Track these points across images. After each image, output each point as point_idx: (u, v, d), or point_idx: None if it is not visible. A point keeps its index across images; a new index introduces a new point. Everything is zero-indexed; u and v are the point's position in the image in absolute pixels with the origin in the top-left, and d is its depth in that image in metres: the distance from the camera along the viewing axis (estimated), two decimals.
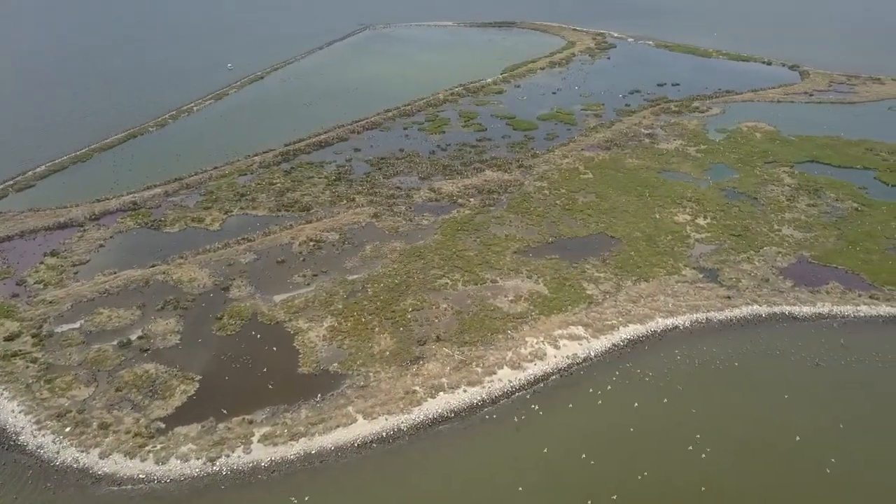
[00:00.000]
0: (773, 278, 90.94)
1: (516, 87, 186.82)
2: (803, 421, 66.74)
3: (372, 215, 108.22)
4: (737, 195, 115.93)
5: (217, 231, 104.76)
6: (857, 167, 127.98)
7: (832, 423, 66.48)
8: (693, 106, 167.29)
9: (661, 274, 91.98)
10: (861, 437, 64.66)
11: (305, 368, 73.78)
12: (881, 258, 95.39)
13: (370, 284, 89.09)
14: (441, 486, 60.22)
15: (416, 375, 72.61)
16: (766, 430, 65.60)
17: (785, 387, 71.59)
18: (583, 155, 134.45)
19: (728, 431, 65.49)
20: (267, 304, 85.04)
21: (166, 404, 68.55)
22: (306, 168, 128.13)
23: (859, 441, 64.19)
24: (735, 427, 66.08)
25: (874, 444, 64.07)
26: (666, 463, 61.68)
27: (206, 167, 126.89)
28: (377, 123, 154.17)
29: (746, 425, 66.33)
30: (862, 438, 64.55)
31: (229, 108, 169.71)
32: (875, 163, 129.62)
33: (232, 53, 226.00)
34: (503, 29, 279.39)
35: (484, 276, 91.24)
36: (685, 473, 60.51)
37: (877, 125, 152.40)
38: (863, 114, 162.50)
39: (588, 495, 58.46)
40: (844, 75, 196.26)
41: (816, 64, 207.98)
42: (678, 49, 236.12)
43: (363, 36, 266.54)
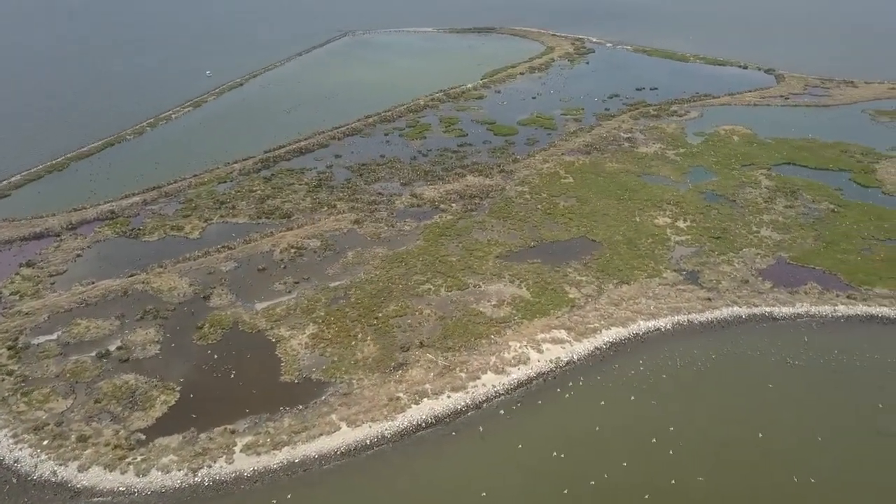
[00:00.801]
0: (753, 279, 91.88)
1: (496, 93, 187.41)
2: (783, 421, 67.42)
3: (353, 221, 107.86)
4: (716, 198, 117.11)
5: (197, 239, 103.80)
6: (832, 169, 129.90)
7: (809, 424, 67.23)
8: (671, 110, 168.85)
9: (643, 277, 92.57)
10: (839, 437, 65.51)
11: (288, 377, 73.24)
12: (857, 258, 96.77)
13: (352, 291, 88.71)
14: (427, 492, 60.00)
15: (400, 382, 72.34)
16: (746, 430, 66.16)
17: (764, 387, 72.32)
18: (563, 159, 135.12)
19: (709, 432, 65.98)
20: (248, 313, 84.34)
21: (146, 415, 67.69)
22: (287, 175, 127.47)
23: (836, 442, 64.97)
24: (716, 428, 66.59)
25: (849, 443, 64.90)
26: (648, 464, 61.95)
27: (185, 175, 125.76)
28: (358, 129, 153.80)
29: (727, 426, 66.86)
30: (840, 438, 65.40)
31: (208, 115, 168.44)
32: (850, 164, 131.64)
33: (211, 60, 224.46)
34: (482, 35, 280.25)
35: (467, 281, 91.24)
36: (668, 475, 60.79)
37: (851, 128, 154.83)
38: (837, 116, 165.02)
39: (572, 498, 58.55)
40: (819, 79, 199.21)
41: (791, 67, 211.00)
42: (656, 54, 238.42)
43: (343, 42, 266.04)
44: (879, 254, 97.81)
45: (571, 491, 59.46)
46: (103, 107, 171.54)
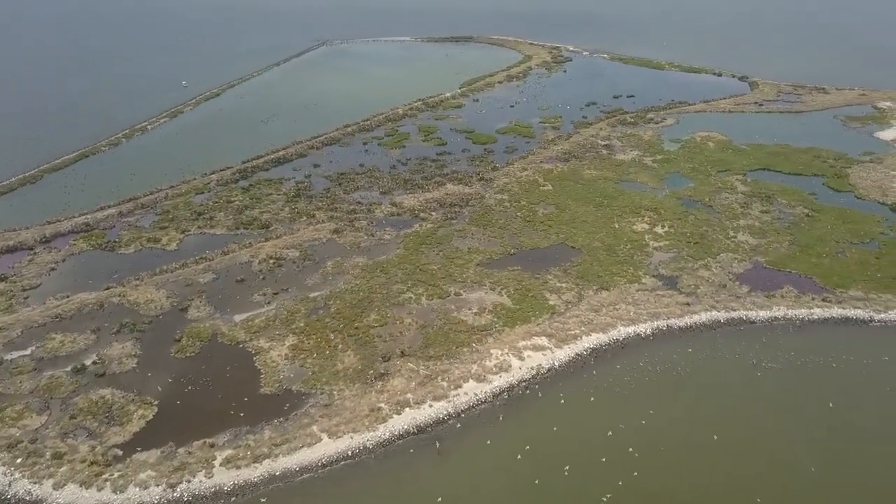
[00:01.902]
0: (730, 284, 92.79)
1: (475, 101, 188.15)
2: (762, 423, 68.04)
3: (333, 231, 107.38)
4: (693, 203, 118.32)
5: (174, 251, 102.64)
6: (806, 174, 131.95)
7: (787, 426, 67.91)
8: (648, 117, 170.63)
9: (622, 283, 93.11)
10: (816, 438, 66.29)
11: (268, 388, 72.50)
12: (832, 261, 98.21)
13: (332, 301, 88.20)
14: (411, 502, 59.61)
15: (381, 392, 71.93)
16: (725, 434, 66.64)
17: (743, 391, 73.01)
18: (542, 167, 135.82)
19: (689, 437, 66.35)
20: (227, 324, 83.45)
21: (123, 430, 66.56)
22: (265, 185, 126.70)
23: (815, 443, 65.71)
24: (696, 432, 66.96)
25: (827, 443, 65.66)
26: (629, 469, 62.08)
27: (162, 186, 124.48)
28: (336, 139, 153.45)
29: (707, 430, 67.24)
30: (817, 439, 66.18)
31: (184, 125, 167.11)
32: (823, 169, 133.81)
33: (186, 70, 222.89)
34: (460, 43, 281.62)
35: (447, 289, 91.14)
36: (650, 479, 60.95)
37: (823, 133, 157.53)
38: (810, 122, 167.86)
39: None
40: (791, 85, 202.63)
41: (765, 74, 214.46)
42: (632, 62, 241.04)
43: (320, 52, 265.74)
44: (853, 257, 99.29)
45: (557, 499, 59.35)
46: (77, 118, 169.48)
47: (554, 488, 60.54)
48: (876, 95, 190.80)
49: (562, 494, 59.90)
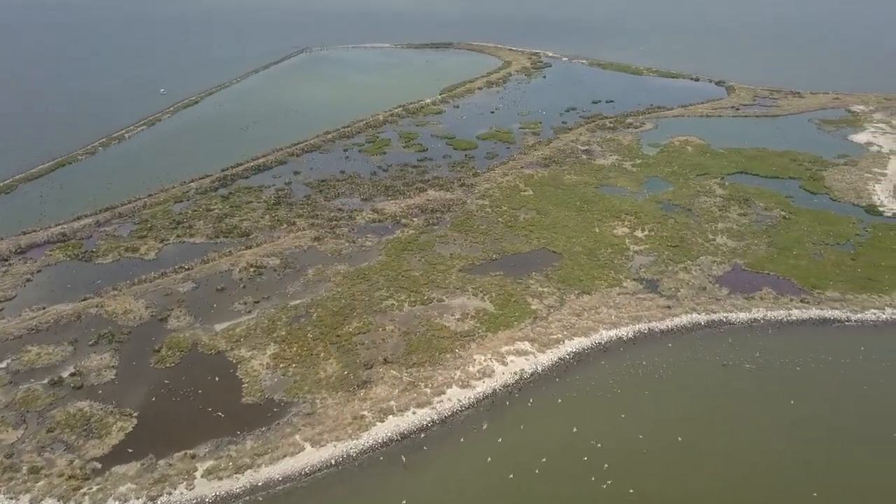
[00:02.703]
0: (710, 286, 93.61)
1: (455, 108, 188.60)
2: (744, 423, 68.57)
3: (314, 238, 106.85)
4: (672, 207, 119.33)
5: (153, 260, 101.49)
6: (783, 177, 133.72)
7: (769, 425, 68.51)
8: (627, 122, 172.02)
9: (603, 286, 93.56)
10: (797, 437, 66.93)
11: (249, 398, 71.81)
12: (809, 263, 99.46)
13: (314, 309, 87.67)
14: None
15: (364, 400, 71.56)
16: (707, 435, 67.10)
17: (724, 392, 73.57)
18: (523, 172, 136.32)
19: (671, 439, 66.65)
20: (207, 334, 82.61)
21: (102, 443, 65.55)
22: (244, 193, 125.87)
23: (796, 442, 66.36)
24: (678, 434, 67.28)
25: (809, 443, 66.34)
26: (615, 470, 62.24)
27: (140, 195, 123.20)
28: (316, 146, 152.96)
29: (689, 431, 67.64)
30: (799, 438, 66.83)
31: (163, 133, 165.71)
32: (799, 172, 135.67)
33: (165, 78, 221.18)
34: (440, 50, 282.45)
35: (430, 295, 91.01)
36: (633, 482, 61.14)
37: (799, 137, 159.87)
38: (786, 126, 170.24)
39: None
40: (767, 90, 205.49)
41: (741, 79, 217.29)
42: (611, 67, 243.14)
43: (300, 59, 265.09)
44: (830, 258, 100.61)
45: (539, 500, 59.42)
46: (53, 126, 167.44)
47: (538, 492, 60.49)
48: (849, 99, 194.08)
49: (546, 498, 59.84)
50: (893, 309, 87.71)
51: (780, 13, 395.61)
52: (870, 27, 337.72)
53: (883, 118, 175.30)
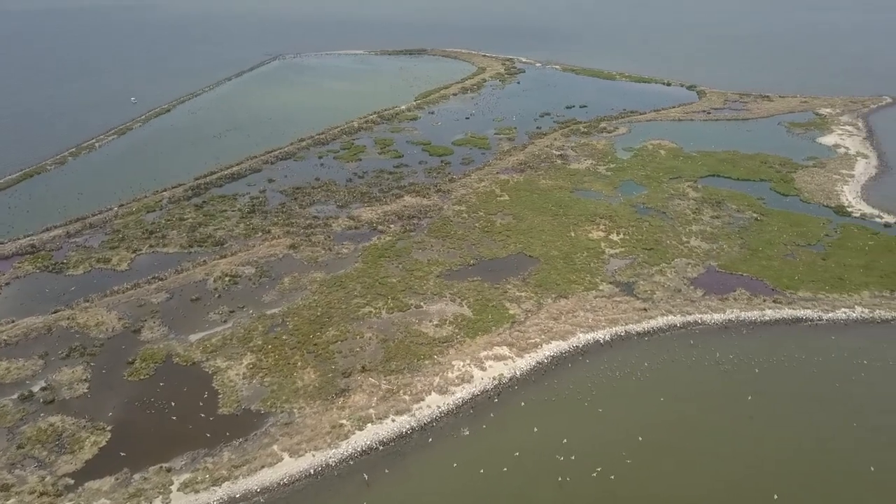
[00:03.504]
0: (685, 288, 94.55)
1: (430, 114, 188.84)
2: (720, 423, 69.24)
3: (289, 246, 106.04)
4: (646, 210, 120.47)
5: (125, 271, 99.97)
6: (754, 179, 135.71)
7: (744, 425, 69.24)
8: (601, 126, 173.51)
9: (580, 290, 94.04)
10: (773, 436, 67.74)
11: (226, 409, 70.89)
12: (781, 263, 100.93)
13: (290, 318, 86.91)
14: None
15: (343, 408, 71.02)
16: (685, 436, 67.64)
17: (700, 392, 74.21)
18: (498, 178, 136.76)
19: (650, 441, 67.05)
20: (182, 345, 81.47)
21: (75, 458, 64.23)
22: (218, 201, 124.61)
23: (772, 441, 67.15)
24: (657, 435, 67.72)
25: (787, 443, 67.19)
26: (594, 473, 62.45)
27: (111, 205, 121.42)
28: (291, 153, 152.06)
29: (667, 433, 68.11)
30: (774, 437, 67.64)
31: (134, 142, 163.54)
32: (770, 174, 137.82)
33: (135, 86, 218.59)
34: (414, 56, 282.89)
35: (408, 301, 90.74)
36: (616, 484, 61.41)
37: (769, 139, 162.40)
38: (756, 129, 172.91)
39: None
40: (737, 94, 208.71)
41: (711, 84, 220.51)
42: (584, 72, 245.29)
43: (273, 66, 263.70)
44: (801, 259, 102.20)
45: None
46: (21, 136, 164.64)
47: (517, 496, 60.44)
48: (817, 102, 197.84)
49: (525, 501, 60.01)
50: (863, 308, 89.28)
51: (747, 20, 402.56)
52: (834, 33, 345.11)
53: (849, 120, 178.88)
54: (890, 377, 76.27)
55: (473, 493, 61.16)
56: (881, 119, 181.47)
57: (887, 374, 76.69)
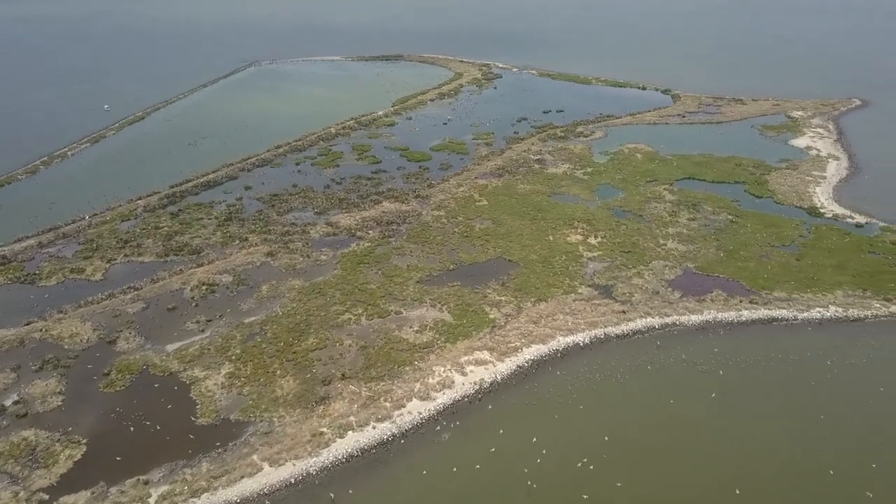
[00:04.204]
0: (663, 290, 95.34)
1: (408, 119, 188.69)
2: (699, 425, 69.84)
3: (267, 254, 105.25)
4: (624, 213, 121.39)
5: (100, 281, 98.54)
6: (728, 181, 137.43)
7: (723, 426, 69.92)
8: (577, 131, 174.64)
9: (559, 293, 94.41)
10: (754, 438, 68.46)
11: (204, 419, 70.07)
12: (756, 264, 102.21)
13: (269, 326, 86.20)
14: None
15: (323, 416, 70.53)
16: (665, 438, 68.09)
17: (678, 394, 74.79)
18: (477, 183, 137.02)
19: (630, 443, 67.43)
20: (159, 355, 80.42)
21: (49, 473, 63.06)
22: (195, 209, 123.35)
23: (753, 443, 67.85)
24: (636, 438, 68.13)
25: (767, 443, 67.94)
26: (574, 479, 62.61)
27: (85, 214, 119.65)
28: (268, 160, 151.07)
29: (646, 435, 68.56)
30: (756, 438, 68.37)
31: (108, 150, 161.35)
32: (744, 177, 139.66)
33: (108, 94, 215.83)
34: (391, 62, 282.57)
35: (388, 308, 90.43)
36: (593, 488, 61.60)
37: (743, 142, 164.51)
38: (730, 132, 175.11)
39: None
40: (711, 97, 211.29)
41: (686, 88, 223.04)
42: (560, 77, 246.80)
43: (249, 72, 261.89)
44: (776, 259, 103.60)
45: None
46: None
47: (499, 500, 60.41)
48: (788, 105, 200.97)
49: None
50: (836, 307, 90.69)
51: (720, 24, 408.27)
52: (804, 38, 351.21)
53: (820, 123, 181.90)
54: (863, 375, 77.49)
55: (453, 498, 60.97)
56: (851, 121, 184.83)
57: (861, 373, 77.93)
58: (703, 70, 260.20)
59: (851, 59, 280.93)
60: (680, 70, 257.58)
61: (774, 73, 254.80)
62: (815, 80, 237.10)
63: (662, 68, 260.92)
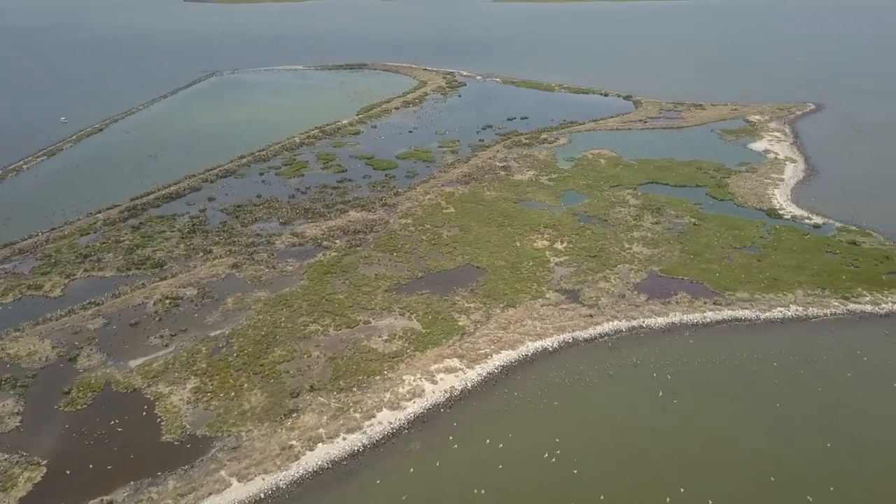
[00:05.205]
0: (629, 294, 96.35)
1: (373, 128, 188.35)
2: (669, 428, 70.56)
3: (232, 266, 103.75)
4: (589, 218, 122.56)
5: (59, 297, 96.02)
6: (690, 185, 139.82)
7: (693, 428, 70.77)
8: (542, 137, 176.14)
9: (527, 299, 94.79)
10: (722, 439, 69.42)
11: (170, 436, 68.53)
12: (719, 266, 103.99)
13: (235, 339, 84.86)
14: None
15: (292, 429, 69.53)
16: (638, 439, 68.65)
17: (647, 396, 75.47)
18: (443, 190, 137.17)
19: (601, 446, 67.82)
20: (122, 372, 78.54)
21: (8, 497, 60.94)
22: (156, 222, 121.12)
23: (720, 444, 68.82)
24: (609, 440, 68.56)
25: (736, 445, 68.93)
26: (552, 481, 62.70)
27: (42, 229, 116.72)
28: (231, 171, 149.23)
29: (618, 438, 69.02)
30: (723, 439, 69.33)
31: (65, 164, 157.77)
32: (705, 180, 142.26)
33: (65, 106, 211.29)
34: (355, 71, 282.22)
35: (356, 317, 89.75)
36: (568, 492, 61.76)
37: (703, 146, 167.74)
38: (691, 137, 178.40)
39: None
40: (672, 103, 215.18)
41: (647, 93, 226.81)
42: (524, 85, 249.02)
43: (210, 83, 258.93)
44: (738, 261, 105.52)
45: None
46: None
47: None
48: (746, 110, 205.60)
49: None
50: (797, 306, 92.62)
51: (679, 32, 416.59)
52: (759, 44, 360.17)
53: (777, 127, 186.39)
54: (824, 372, 79.11)
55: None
56: (806, 125, 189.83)
57: (822, 370, 79.55)
58: (663, 76, 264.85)
59: (803, 65, 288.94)
60: (641, 76, 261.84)
61: (732, 78, 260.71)
62: (771, 86, 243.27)
63: (624, 75, 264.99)
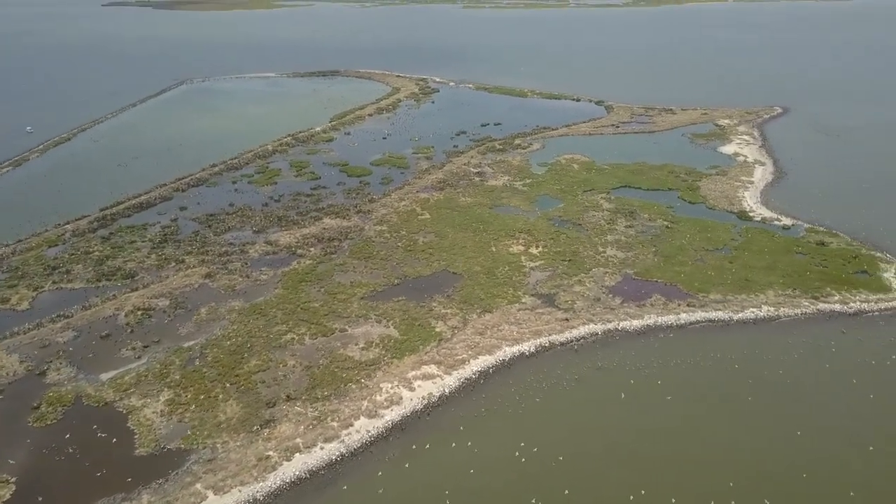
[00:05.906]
0: (604, 297, 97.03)
1: (346, 135, 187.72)
2: (647, 430, 71.07)
3: (205, 275, 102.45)
4: (563, 223, 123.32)
5: (26, 310, 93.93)
6: (663, 189, 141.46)
7: (672, 428, 71.37)
8: (515, 143, 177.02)
9: (503, 304, 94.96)
10: (704, 440, 70.15)
11: (143, 449, 67.28)
12: (692, 268, 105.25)
13: (209, 349, 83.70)
14: None
15: (269, 440, 68.70)
16: (616, 441, 69.03)
17: (625, 399, 75.98)
18: (418, 197, 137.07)
19: (579, 450, 68.03)
20: (93, 385, 76.99)
21: None
22: (127, 232, 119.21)
23: (703, 445, 69.47)
24: (588, 443, 68.82)
25: (718, 446, 69.62)
26: (530, 485, 62.71)
27: (8, 241, 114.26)
28: (203, 179, 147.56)
29: (595, 441, 69.33)
30: (705, 440, 70.05)
31: (31, 174, 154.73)
32: (677, 184, 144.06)
33: (30, 116, 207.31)
34: (327, 78, 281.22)
35: (332, 326, 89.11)
36: (546, 496, 61.82)
37: (674, 150, 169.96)
38: (662, 141, 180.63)
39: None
40: (643, 108, 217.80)
41: (618, 98, 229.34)
42: (496, 91, 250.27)
43: (181, 91, 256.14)
44: (711, 263, 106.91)
45: None
46: None
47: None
48: (716, 114, 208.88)
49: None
50: (769, 306, 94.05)
51: (649, 39, 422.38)
52: (725, 49, 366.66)
53: (746, 130, 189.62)
54: (796, 370, 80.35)
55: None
56: (774, 128, 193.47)
57: (794, 368, 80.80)
58: (634, 81, 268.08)
59: (769, 70, 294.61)
60: (612, 82, 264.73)
61: (701, 83, 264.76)
62: (738, 90, 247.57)
63: (595, 80, 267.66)
